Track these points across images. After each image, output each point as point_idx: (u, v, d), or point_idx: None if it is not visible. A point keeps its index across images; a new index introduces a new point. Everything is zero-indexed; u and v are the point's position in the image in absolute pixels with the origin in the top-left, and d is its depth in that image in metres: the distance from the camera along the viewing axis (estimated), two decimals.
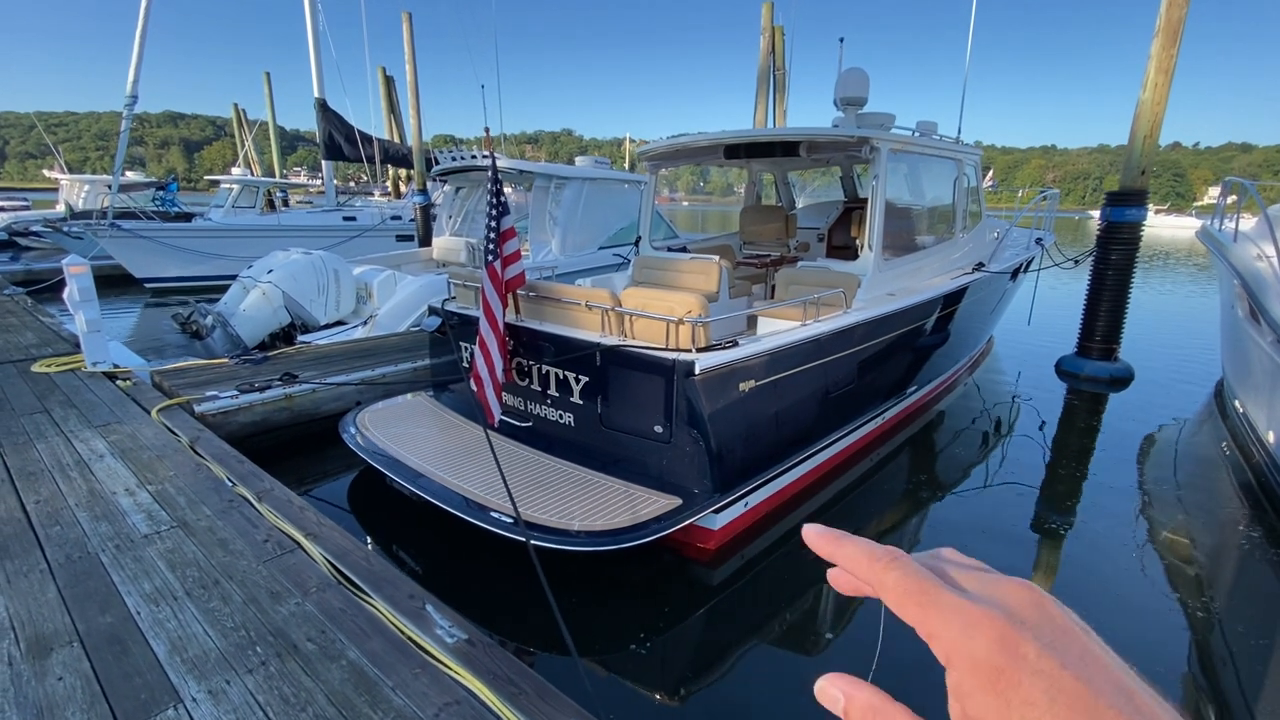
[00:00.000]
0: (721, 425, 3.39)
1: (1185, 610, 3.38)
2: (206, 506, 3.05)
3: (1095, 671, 0.26)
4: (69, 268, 4.88)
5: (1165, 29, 6.51)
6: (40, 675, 1.98)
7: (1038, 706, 0.25)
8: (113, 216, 11.74)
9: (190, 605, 2.32)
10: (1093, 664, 0.27)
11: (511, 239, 3.90)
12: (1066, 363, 7.55)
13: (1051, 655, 0.26)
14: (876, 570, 0.31)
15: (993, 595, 0.30)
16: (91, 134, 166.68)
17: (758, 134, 5.45)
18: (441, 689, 1.94)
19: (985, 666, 0.27)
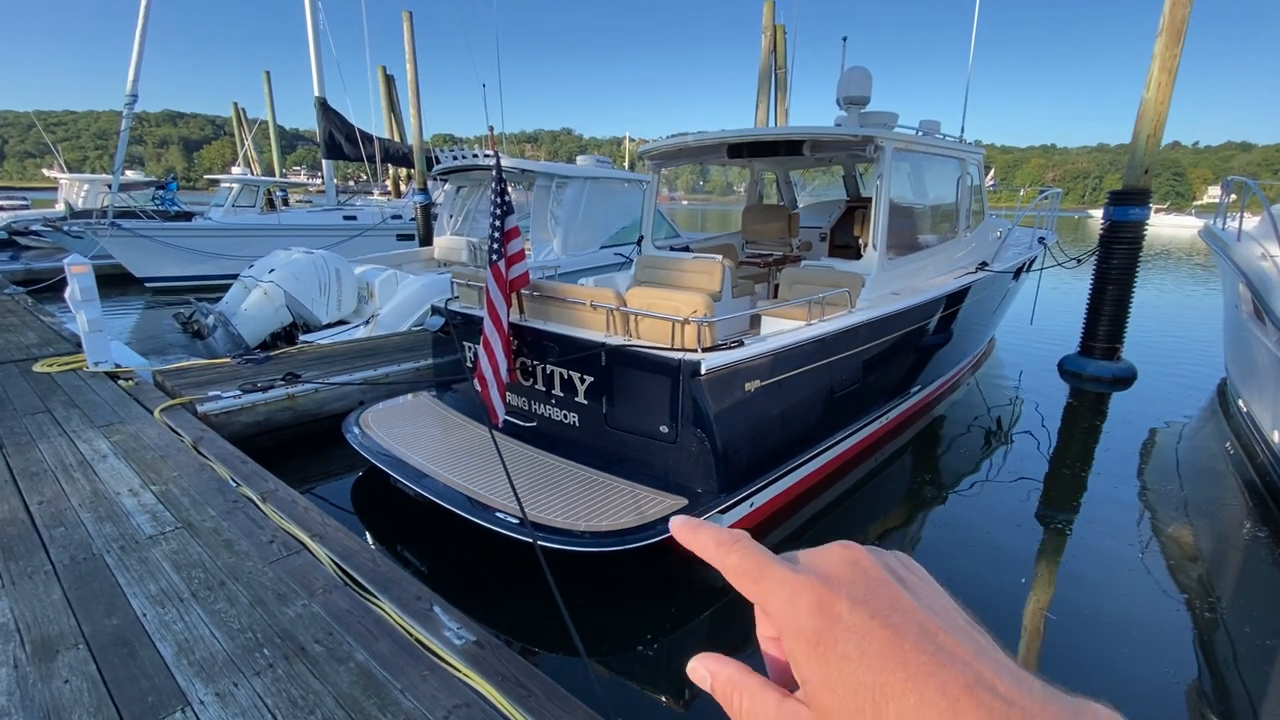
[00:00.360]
0: (727, 425, 3.38)
1: (1190, 610, 3.37)
2: (211, 507, 3.04)
3: (901, 618, 0.28)
4: (70, 267, 4.87)
5: (1169, 28, 6.50)
6: (46, 678, 1.97)
7: (851, 659, 0.27)
8: (113, 216, 11.72)
9: (196, 607, 2.31)
10: (900, 610, 0.28)
11: (516, 238, 3.89)
12: (1069, 362, 7.54)
13: (862, 609, 0.28)
14: (720, 554, 0.33)
15: (814, 563, 0.31)
16: (90, 133, 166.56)
17: (762, 133, 5.43)
18: (451, 691, 1.93)
19: (807, 631, 0.28)
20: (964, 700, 0.25)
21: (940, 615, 0.29)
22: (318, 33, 14.25)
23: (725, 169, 8.43)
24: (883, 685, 0.26)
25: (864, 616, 0.28)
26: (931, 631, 0.28)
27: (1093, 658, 2.99)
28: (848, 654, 0.27)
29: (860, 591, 0.29)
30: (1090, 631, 3.17)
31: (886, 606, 0.29)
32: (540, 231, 8.60)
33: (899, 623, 0.28)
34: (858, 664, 0.27)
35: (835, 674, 0.27)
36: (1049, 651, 3.06)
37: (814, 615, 0.29)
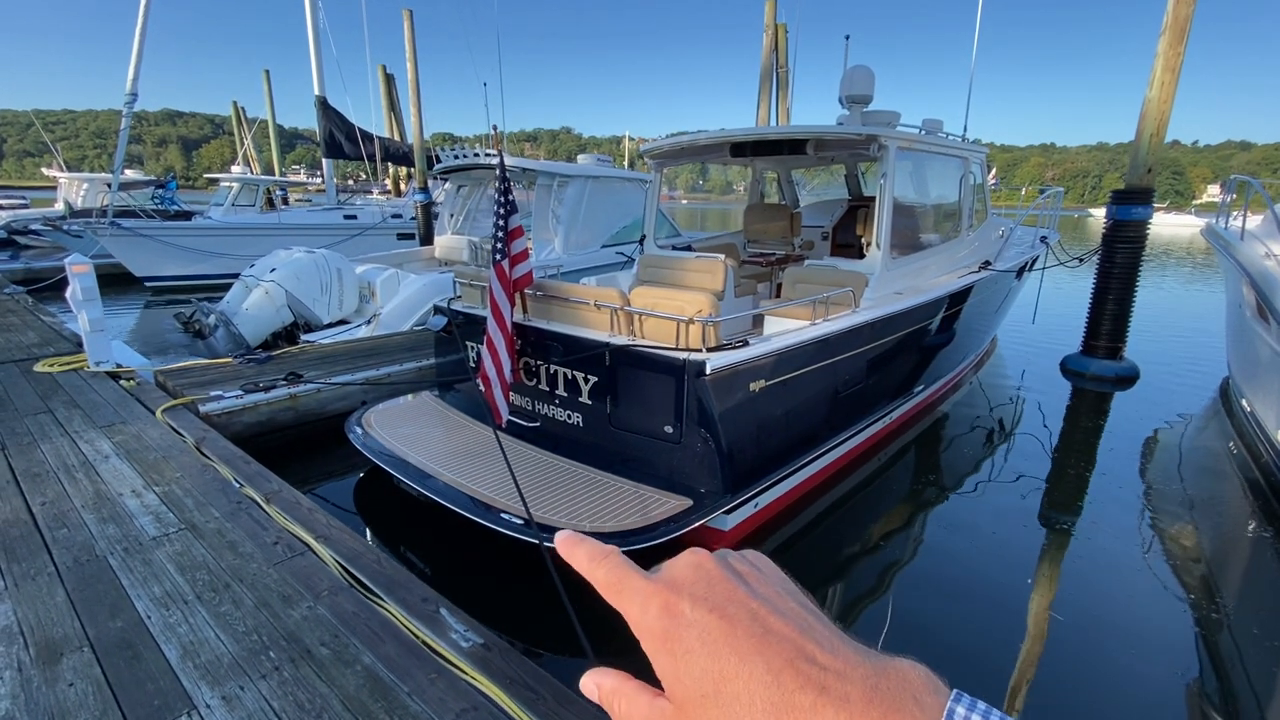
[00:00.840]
0: (732, 425, 3.37)
1: (1194, 610, 3.37)
2: (214, 508, 3.03)
3: (735, 608, 0.31)
4: (71, 267, 4.85)
5: (1172, 26, 6.49)
6: (51, 681, 1.95)
7: (694, 651, 0.30)
8: (112, 215, 11.69)
9: (201, 609, 2.29)
10: (734, 602, 0.32)
11: (519, 237, 3.87)
12: (1071, 362, 7.53)
13: (701, 605, 0.31)
14: (590, 568, 0.35)
15: (665, 572, 0.34)
16: (89, 132, 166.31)
17: (765, 132, 5.42)
18: (458, 694, 1.92)
19: (657, 631, 0.32)
20: (786, 672, 0.29)
21: (770, 602, 0.32)
22: (318, 31, 14.22)
23: (725, 168, 8.42)
24: (720, 669, 0.30)
25: (703, 612, 0.31)
26: (761, 617, 0.31)
27: (1097, 658, 2.98)
28: (691, 647, 0.30)
29: (701, 590, 0.32)
30: (1094, 631, 3.16)
31: (723, 600, 0.32)
32: (542, 231, 8.58)
33: (733, 613, 0.31)
34: (699, 654, 0.30)
35: (683, 666, 0.31)
36: (1053, 651, 3.05)
37: (662, 617, 0.32)
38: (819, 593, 3.47)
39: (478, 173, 9.25)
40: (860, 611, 3.33)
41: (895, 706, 0.28)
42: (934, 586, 3.58)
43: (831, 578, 3.64)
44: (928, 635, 3.15)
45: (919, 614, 3.31)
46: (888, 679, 0.29)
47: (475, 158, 8.53)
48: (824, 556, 3.90)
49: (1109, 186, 7.57)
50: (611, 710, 0.34)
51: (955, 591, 3.53)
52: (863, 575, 3.69)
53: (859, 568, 3.78)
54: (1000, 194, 22.03)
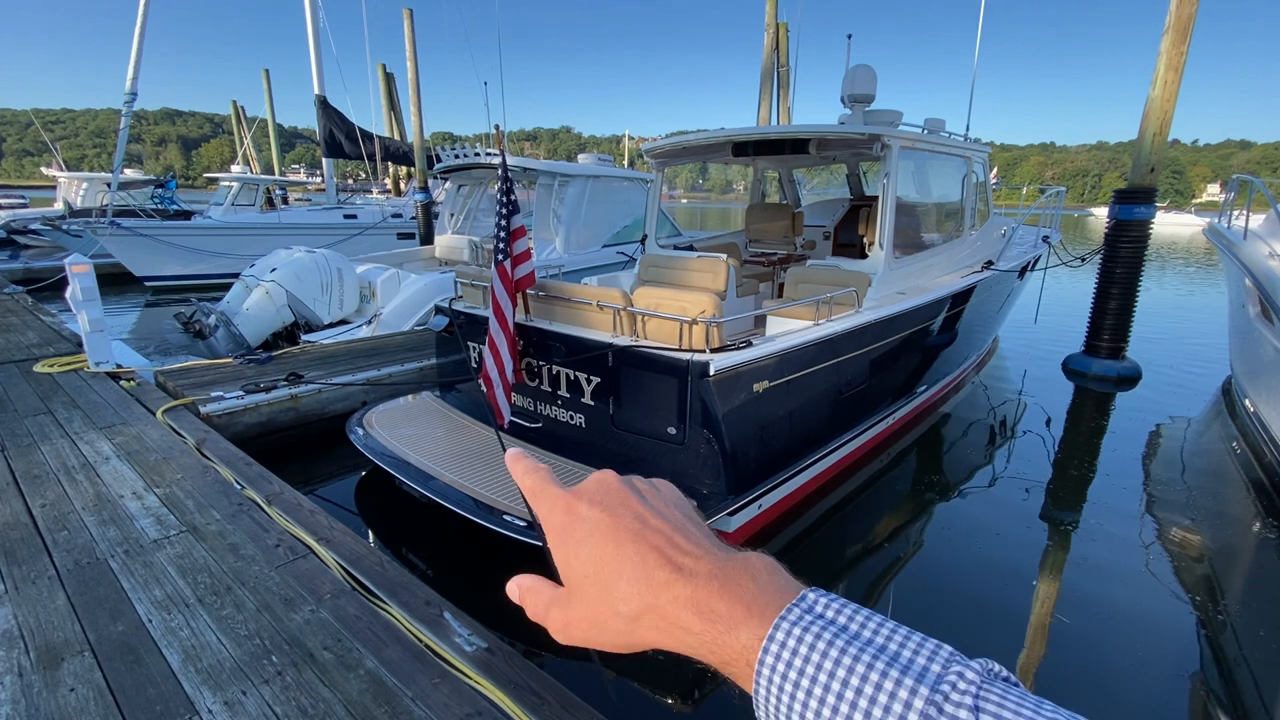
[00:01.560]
0: (736, 426, 3.35)
1: (1198, 611, 3.35)
2: (215, 510, 3.01)
3: (623, 509, 0.37)
4: (71, 267, 4.83)
5: (1175, 26, 6.47)
6: (52, 686, 1.94)
7: (583, 541, 0.36)
8: (112, 214, 11.67)
9: (203, 613, 2.28)
10: (623, 505, 0.37)
11: (521, 238, 3.85)
12: (1074, 361, 7.52)
13: (595, 506, 0.37)
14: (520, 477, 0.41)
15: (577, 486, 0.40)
16: (89, 131, 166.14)
17: (767, 131, 5.39)
18: (462, 699, 1.90)
19: (557, 528, 0.38)
20: (651, 555, 0.35)
21: (656, 509, 0.37)
22: (317, 31, 14.19)
23: (725, 167, 8.39)
24: (600, 554, 0.35)
25: (595, 511, 0.37)
26: (643, 517, 0.36)
27: (1101, 659, 2.97)
28: (580, 538, 0.36)
29: (598, 496, 0.38)
30: (1098, 632, 3.15)
31: (614, 504, 0.37)
32: (543, 230, 8.56)
33: (619, 513, 0.37)
34: (586, 543, 0.36)
35: (572, 554, 0.37)
36: (1056, 651, 3.03)
37: (563, 515, 0.38)
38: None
39: (478, 172, 9.23)
40: None
41: (733, 581, 0.33)
42: (936, 587, 3.57)
43: (834, 578, 3.63)
44: (930, 634, 3.14)
45: (922, 615, 3.30)
46: (734, 562, 0.34)
47: (476, 157, 8.50)
48: (827, 557, 3.89)
49: (1109, 185, 7.55)
50: (524, 604, 0.40)
51: (958, 592, 3.52)
52: (865, 576, 3.68)
53: (862, 568, 3.76)
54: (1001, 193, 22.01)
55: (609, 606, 0.35)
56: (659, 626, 0.34)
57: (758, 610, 0.32)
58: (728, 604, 0.32)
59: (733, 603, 0.32)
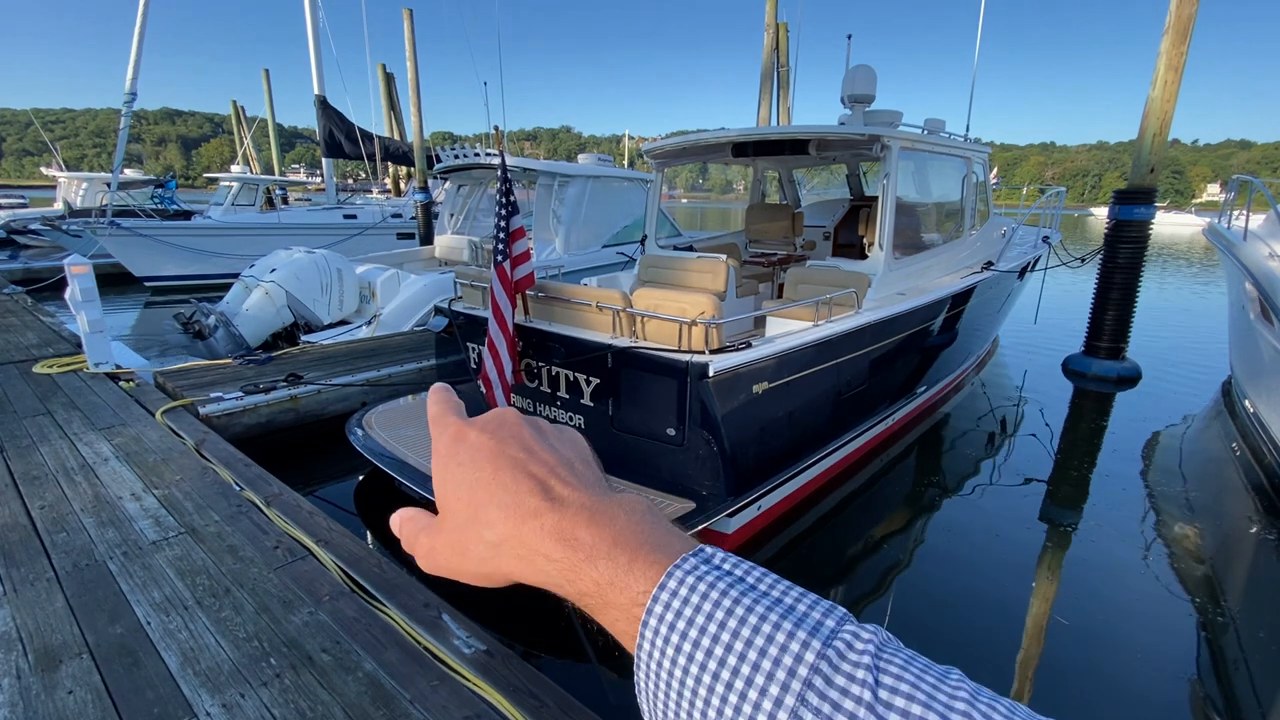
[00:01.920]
0: (735, 427, 3.35)
1: (1197, 611, 3.35)
2: (214, 512, 3.01)
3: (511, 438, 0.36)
4: (71, 268, 4.83)
5: (1175, 26, 6.47)
6: (50, 688, 1.93)
7: (463, 465, 0.35)
8: (111, 214, 11.66)
9: (201, 615, 2.28)
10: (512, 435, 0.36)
11: (521, 238, 3.85)
12: (1073, 362, 7.52)
13: (484, 434, 0.36)
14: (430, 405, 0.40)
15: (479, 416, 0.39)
16: (89, 131, 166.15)
17: (767, 132, 5.39)
18: (461, 702, 1.90)
19: (443, 451, 0.37)
20: (525, 481, 0.34)
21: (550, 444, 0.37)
22: (317, 31, 14.18)
23: (725, 167, 8.39)
24: (476, 476, 0.35)
25: (483, 437, 0.36)
26: (530, 447, 0.36)
27: (1100, 659, 2.96)
28: (462, 460, 0.36)
29: (491, 425, 0.37)
30: (1097, 633, 3.15)
31: (505, 434, 0.36)
32: (542, 231, 8.55)
33: (505, 441, 0.36)
34: (466, 466, 0.35)
35: (450, 475, 0.36)
36: (1055, 652, 3.03)
37: (450, 441, 0.37)
38: (822, 592, 3.44)
39: (478, 172, 9.22)
40: (861, 612, 3.31)
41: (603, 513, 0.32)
42: (936, 588, 3.56)
43: (834, 579, 3.63)
44: (930, 636, 3.14)
45: (921, 615, 3.30)
46: (610, 498, 0.33)
47: (475, 157, 8.50)
48: (827, 558, 3.88)
49: (1109, 185, 7.56)
50: (400, 535, 0.39)
51: (957, 592, 3.52)
52: (865, 576, 3.68)
53: (861, 569, 3.76)
54: (1001, 193, 22.02)
55: (475, 531, 0.34)
56: (519, 554, 0.33)
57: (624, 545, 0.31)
58: (592, 534, 0.31)
59: (598, 533, 0.31)
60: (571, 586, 0.32)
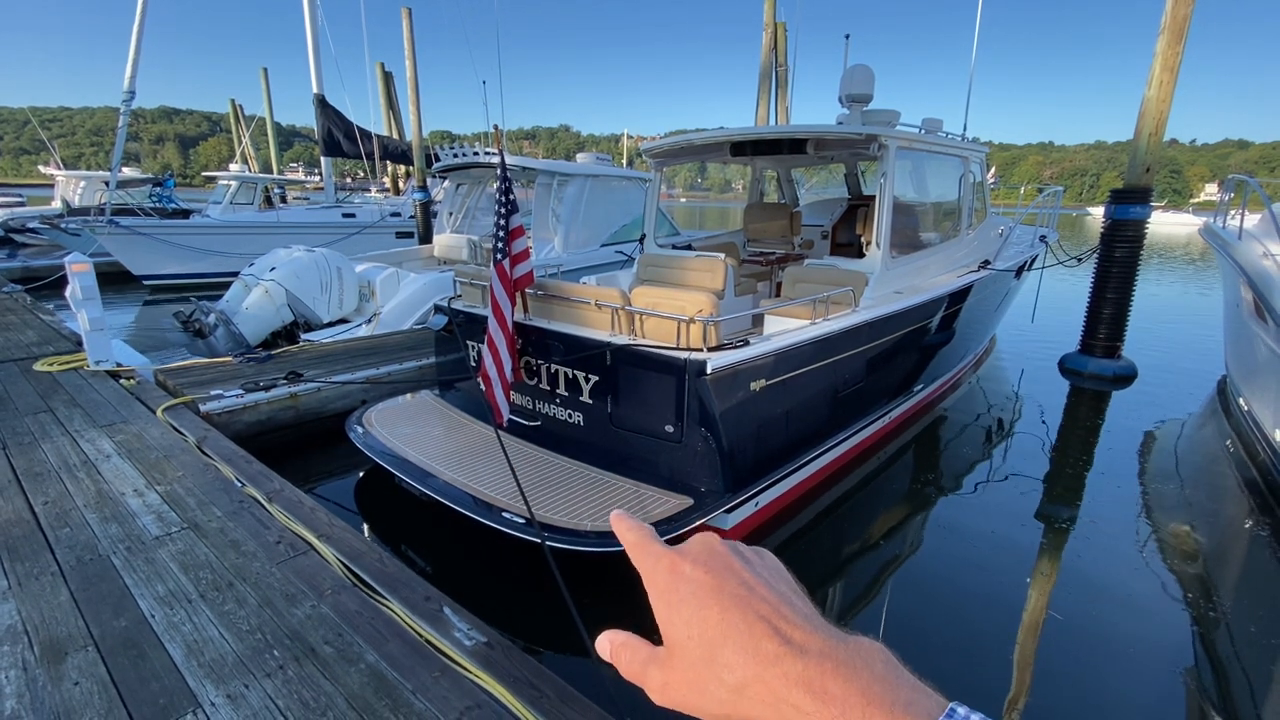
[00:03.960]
0: (733, 424, 3.38)
1: (1191, 608, 3.39)
2: (217, 507, 3.03)
3: (727, 573, 0.37)
4: (71, 266, 4.85)
5: (1171, 27, 6.50)
6: (56, 680, 1.96)
7: (686, 601, 0.36)
8: (110, 213, 11.66)
9: (205, 608, 2.30)
10: (728, 569, 0.37)
11: (520, 237, 3.87)
12: (1070, 360, 7.56)
13: (700, 567, 0.37)
14: (625, 533, 0.41)
15: (681, 545, 0.40)
16: (86, 129, 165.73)
17: (765, 131, 5.42)
18: (462, 693, 1.93)
19: (662, 587, 0.37)
20: (758, 624, 0.34)
21: (761, 577, 0.37)
22: (316, 29, 14.18)
23: (724, 166, 8.42)
24: (704, 616, 0.35)
25: (699, 572, 0.37)
26: (748, 583, 0.36)
27: (1095, 656, 3.00)
28: (684, 598, 0.36)
29: (702, 557, 0.38)
30: (1092, 630, 3.18)
31: (718, 567, 0.37)
32: (541, 230, 8.57)
33: (723, 576, 0.36)
34: (690, 603, 0.36)
35: (675, 613, 0.36)
36: (1050, 649, 3.07)
37: (667, 575, 0.37)
38: (818, 590, 3.49)
39: (477, 171, 9.24)
40: (858, 609, 3.34)
41: (847, 663, 0.32)
42: (932, 585, 3.60)
43: (831, 576, 3.66)
44: (926, 633, 3.17)
45: (917, 612, 3.33)
46: (846, 644, 0.33)
47: (474, 156, 8.52)
48: (823, 555, 3.91)
49: (1107, 185, 7.58)
50: (618, 662, 0.39)
51: (953, 589, 3.55)
52: (862, 573, 3.71)
53: (858, 566, 3.79)
54: (999, 193, 22.07)
55: (712, 673, 0.34)
56: (766, 701, 0.32)
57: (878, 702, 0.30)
58: (843, 687, 0.31)
59: (848, 687, 0.31)
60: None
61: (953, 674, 2.89)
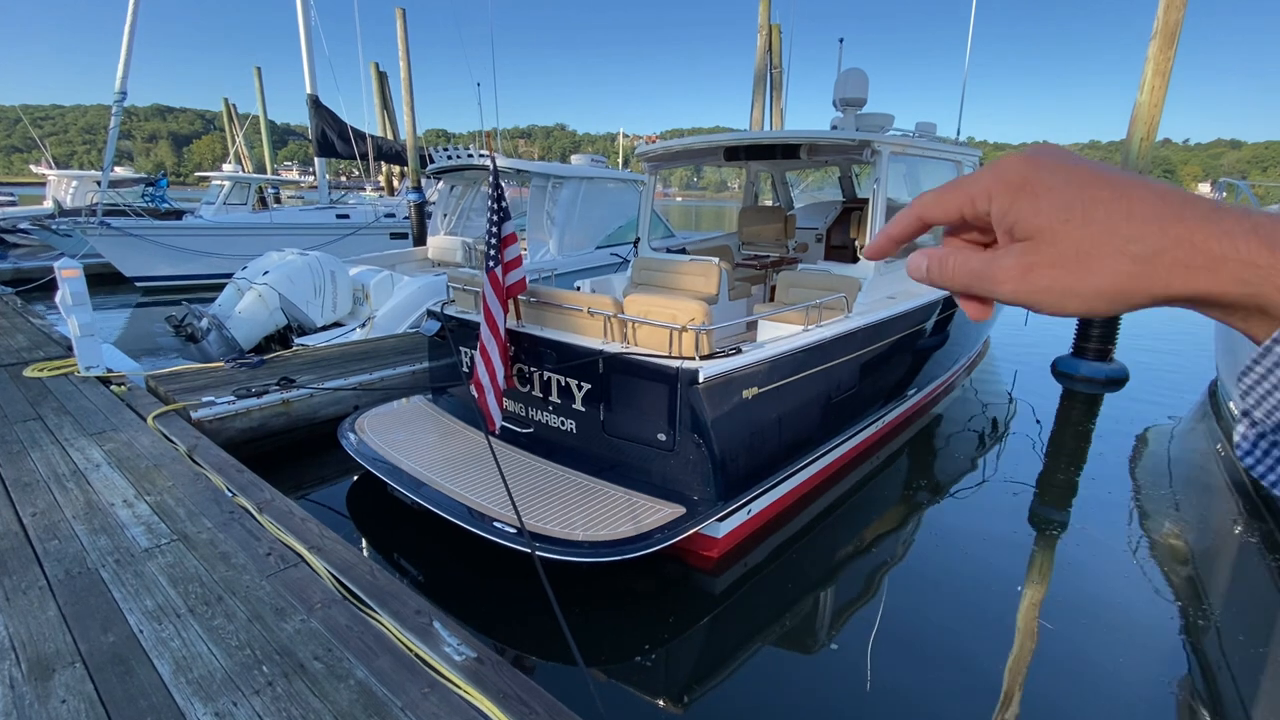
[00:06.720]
0: (725, 433, 3.38)
1: (1181, 614, 3.41)
2: (207, 518, 3.02)
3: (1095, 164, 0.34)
4: (61, 271, 4.81)
5: (1163, 31, 6.53)
6: (43, 698, 1.95)
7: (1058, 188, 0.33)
8: (102, 214, 11.59)
9: (194, 623, 2.29)
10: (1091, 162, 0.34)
11: (513, 244, 3.87)
12: (1062, 363, 7.59)
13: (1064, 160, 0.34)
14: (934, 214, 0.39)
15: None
16: (78, 127, 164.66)
17: (759, 136, 5.43)
18: (451, 709, 1.93)
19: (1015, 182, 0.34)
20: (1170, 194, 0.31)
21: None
22: (309, 29, 14.11)
23: (719, 168, 8.43)
24: (1090, 195, 0.32)
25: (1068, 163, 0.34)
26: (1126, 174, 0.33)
27: (1086, 662, 3.01)
28: (1054, 184, 0.33)
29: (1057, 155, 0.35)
30: (1083, 635, 3.20)
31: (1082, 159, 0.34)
32: (536, 232, 8.56)
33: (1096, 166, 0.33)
34: (1063, 188, 0.33)
35: (1044, 200, 0.33)
36: (1041, 653, 3.08)
37: (1022, 167, 0.34)
38: (811, 595, 3.50)
39: (471, 172, 9.21)
40: (850, 615, 3.35)
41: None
42: (926, 590, 3.61)
43: (823, 582, 3.67)
44: (918, 640, 3.18)
45: (909, 619, 3.34)
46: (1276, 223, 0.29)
47: (469, 158, 8.50)
48: (816, 561, 3.92)
49: None
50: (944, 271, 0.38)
51: (946, 595, 3.56)
52: (855, 579, 3.72)
53: (851, 572, 3.80)
54: None
55: (1110, 244, 0.31)
56: (1189, 263, 0.30)
57: None
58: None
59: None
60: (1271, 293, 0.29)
61: (945, 679, 2.90)
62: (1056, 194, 0.33)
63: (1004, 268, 0.35)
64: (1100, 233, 0.32)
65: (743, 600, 3.44)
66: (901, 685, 2.84)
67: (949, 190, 0.37)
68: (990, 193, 0.35)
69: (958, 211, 0.37)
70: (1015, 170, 0.34)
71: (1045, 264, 0.33)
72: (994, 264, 0.35)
